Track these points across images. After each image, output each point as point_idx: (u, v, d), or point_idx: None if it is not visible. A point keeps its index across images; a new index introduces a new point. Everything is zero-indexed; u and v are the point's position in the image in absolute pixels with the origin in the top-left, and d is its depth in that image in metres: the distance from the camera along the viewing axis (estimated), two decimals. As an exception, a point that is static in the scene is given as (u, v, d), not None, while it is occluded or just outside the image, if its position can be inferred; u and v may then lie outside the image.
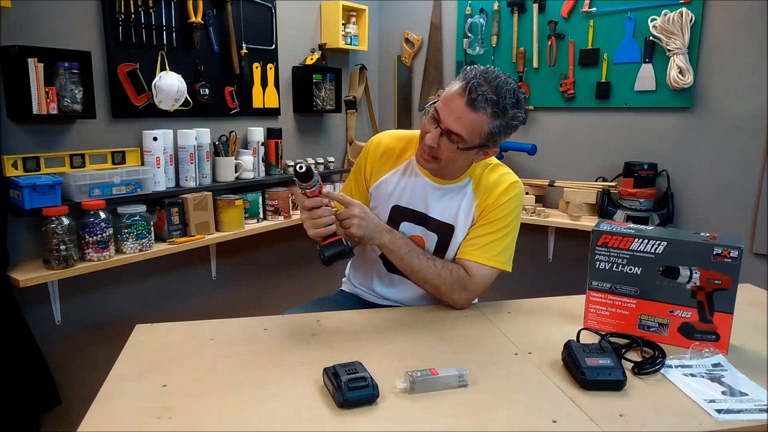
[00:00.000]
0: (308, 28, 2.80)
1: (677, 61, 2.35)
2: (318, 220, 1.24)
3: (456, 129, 1.26)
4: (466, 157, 1.36)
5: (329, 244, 1.25)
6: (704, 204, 2.44)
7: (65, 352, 2.02)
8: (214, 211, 2.28)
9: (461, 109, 1.25)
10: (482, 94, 1.24)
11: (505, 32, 2.79)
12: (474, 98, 1.24)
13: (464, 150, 1.30)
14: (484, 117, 1.26)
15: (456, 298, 1.40)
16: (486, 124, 1.27)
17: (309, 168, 1.21)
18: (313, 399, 0.98)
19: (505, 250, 1.42)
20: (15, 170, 1.80)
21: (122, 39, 2.03)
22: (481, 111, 1.25)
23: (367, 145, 1.56)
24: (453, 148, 1.29)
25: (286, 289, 2.89)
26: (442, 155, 1.32)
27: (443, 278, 1.37)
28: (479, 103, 1.24)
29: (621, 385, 1.01)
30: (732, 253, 1.13)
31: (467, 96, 1.24)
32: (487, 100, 1.24)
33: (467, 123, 1.26)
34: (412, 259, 1.36)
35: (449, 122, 1.27)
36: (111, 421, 0.92)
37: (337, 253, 1.23)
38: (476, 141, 1.29)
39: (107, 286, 2.14)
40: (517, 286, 2.91)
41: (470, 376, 1.03)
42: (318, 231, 1.24)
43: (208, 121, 2.36)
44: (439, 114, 1.29)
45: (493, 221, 1.41)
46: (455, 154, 1.31)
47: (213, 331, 1.26)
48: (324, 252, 1.24)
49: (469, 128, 1.26)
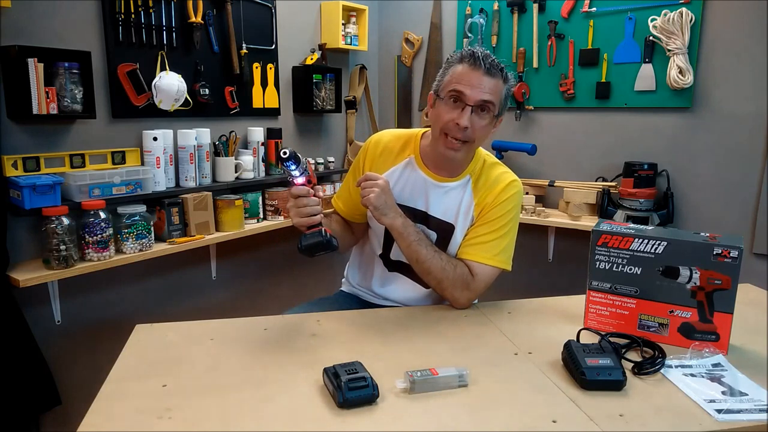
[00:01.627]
0: (308, 28, 2.80)
1: (677, 61, 2.35)
2: (302, 209, 1.25)
3: (488, 97, 1.31)
4: (489, 132, 1.39)
5: (309, 234, 1.25)
6: (704, 204, 2.44)
7: (65, 352, 2.02)
8: (214, 211, 2.28)
9: (482, 79, 1.30)
10: (492, 61, 1.32)
11: (505, 32, 2.80)
12: (488, 66, 1.30)
13: (492, 117, 1.35)
14: (500, 81, 1.33)
15: (457, 296, 1.40)
16: (502, 87, 1.34)
17: (294, 154, 1.21)
18: (313, 399, 0.98)
19: (506, 249, 1.42)
20: (15, 170, 1.80)
21: (122, 39, 2.03)
22: (496, 76, 1.32)
23: (365, 144, 1.56)
24: (484, 122, 1.34)
25: (286, 289, 2.89)
26: (476, 133, 1.34)
27: (447, 273, 1.37)
28: (494, 68, 1.31)
29: (621, 385, 1.01)
30: (732, 253, 1.13)
31: (483, 66, 1.30)
32: (497, 66, 1.32)
33: (492, 89, 1.32)
34: (419, 247, 1.37)
35: (478, 94, 1.30)
36: (111, 421, 0.92)
37: (313, 244, 1.24)
38: (497, 108, 1.35)
39: (107, 286, 2.14)
40: (517, 286, 2.91)
41: (470, 376, 1.03)
42: (300, 220, 1.25)
43: (208, 121, 2.36)
44: (462, 93, 1.31)
45: (493, 220, 1.41)
46: (487, 127, 1.36)
47: (213, 331, 1.26)
48: (302, 241, 1.25)
49: (495, 94, 1.32)
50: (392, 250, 1.50)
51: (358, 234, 1.61)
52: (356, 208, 1.53)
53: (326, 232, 1.25)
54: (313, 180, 1.28)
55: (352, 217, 1.57)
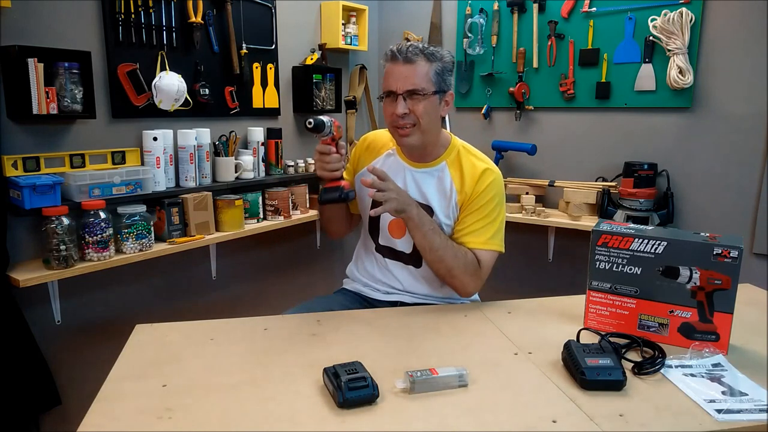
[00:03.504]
0: (308, 28, 2.80)
1: (677, 61, 2.35)
2: (325, 165, 1.40)
3: (412, 85, 1.39)
4: (436, 109, 1.45)
5: (329, 188, 1.42)
6: (704, 204, 2.44)
7: (65, 352, 2.02)
8: (214, 211, 2.28)
9: (402, 69, 1.40)
10: (408, 49, 1.40)
11: (505, 32, 2.79)
12: (405, 55, 1.39)
13: (430, 97, 1.41)
14: (422, 63, 1.40)
15: (467, 282, 1.45)
16: (428, 68, 1.41)
17: (319, 122, 1.35)
18: (313, 399, 0.98)
19: (498, 233, 1.49)
20: (15, 170, 1.80)
21: (122, 39, 2.03)
22: (416, 60, 1.40)
23: (358, 142, 1.71)
24: (422, 104, 1.40)
25: (286, 289, 2.89)
26: (418, 115, 1.41)
27: (459, 260, 1.42)
28: (411, 55, 1.39)
29: (621, 385, 1.01)
30: (732, 253, 1.13)
31: (399, 58, 1.40)
32: (415, 52, 1.40)
33: (415, 74, 1.39)
34: (434, 236, 1.41)
35: (403, 84, 1.39)
36: (111, 421, 0.92)
37: (332, 197, 1.41)
38: (432, 87, 1.41)
39: (107, 286, 2.14)
40: (517, 286, 2.92)
41: (470, 376, 1.03)
42: (323, 173, 1.41)
43: (208, 121, 2.36)
44: (391, 90, 1.41)
45: (478, 209, 1.47)
46: (429, 106, 1.42)
47: (213, 331, 1.26)
48: (322, 194, 1.42)
49: (419, 77, 1.39)
50: (379, 237, 1.58)
51: (355, 219, 1.72)
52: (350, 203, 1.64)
53: (344, 187, 1.42)
54: (337, 136, 1.42)
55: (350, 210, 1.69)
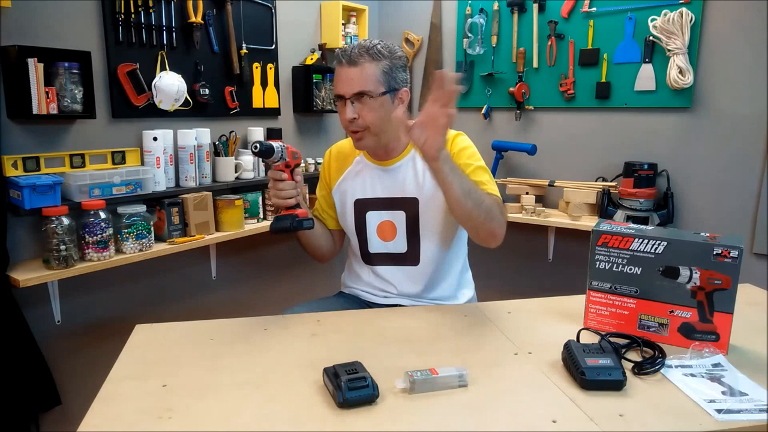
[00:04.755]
0: (308, 28, 2.80)
1: (677, 61, 2.35)
2: (278, 192, 1.32)
3: (357, 87, 1.35)
4: (387, 110, 1.39)
5: (281, 216, 1.33)
6: (704, 204, 2.44)
7: (65, 352, 2.02)
8: (214, 211, 2.28)
9: (347, 72, 1.36)
10: (353, 51, 1.36)
11: (505, 32, 2.80)
12: (349, 57, 1.35)
13: (379, 98, 1.36)
14: (368, 64, 1.35)
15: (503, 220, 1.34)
16: (374, 68, 1.36)
17: (267, 147, 1.25)
18: (313, 399, 0.98)
19: (491, 180, 1.44)
20: (15, 170, 1.80)
21: (122, 39, 2.03)
22: (361, 62, 1.35)
23: (323, 158, 1.66)
24: (369, 106, 1.36)
25: (286, 289, 2.89)
26: (368, 119, 1.37)
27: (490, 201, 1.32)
28: (355, 57, 1.35)
29: (621, 385, 1.01)
30: (732, 253, 1.13)
31: (344, 60, 1.36)
32: (360, 53, 1.35)
33: (359, 77, 1.35)
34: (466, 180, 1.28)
35: (348, 88, 1.36)
36: (111, 421, 0.92)
37: (281, 227, 1.31)
38: (380, 87, 1.36)
39: (107, 286, 2.14)
40: (517, 286, 2.92)
41: (470, 376, 1.03)
42: (275, 201, 1.33)
43: (208, 121, 2.36)
44: (339, 93, 1.38)
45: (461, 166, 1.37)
46: (379, 109, 1.37)
47: (213, 331, 1.26)
48: (273, 223, 1.33)
49: (364, 80, 1.35)
50: (368, 245, 1.54)
51: (338, 240, 1.66)
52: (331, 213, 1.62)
53: (297, 216, 1.32)
54: (291, 163, 1.32)
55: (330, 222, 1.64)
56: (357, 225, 1.55)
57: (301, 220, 1.33)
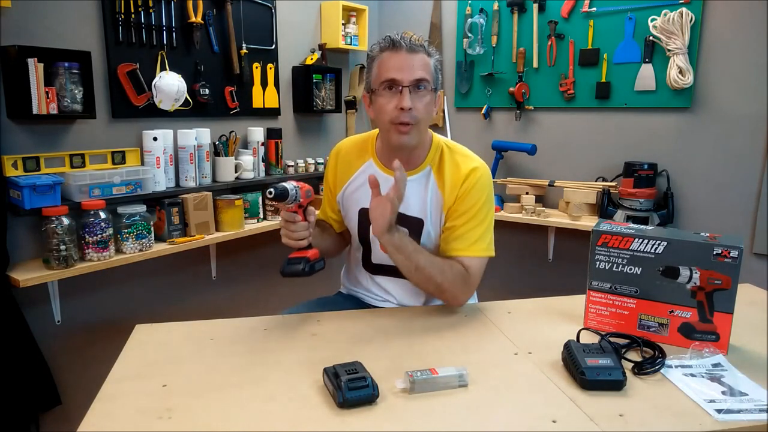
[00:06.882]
0: (308, 28, 2.80)
1: (677, 61, 2.35)
2: (290, 233, 1.27)
3: (419, 74, 1.29)
4: (433, 108, 1.37)
5: (292, 258, 1.29)
6: (704, 204, 2.44)
7: (65, 352, 2.02)
8: (214, 211, 2.28)
9: (407, 58, 1.29)
10: (410, 40, 1.31)
11: (505, 32, 2.79)
12: (409, 45, 1.30)
13: (431, 92, 1.33)
14: (424, 55, 1.32)
15: (458, 294, 1.36)
16: (429, 61, 1.33)
17: (281, 191, 1.20)
18: (313, 399, 0.98)
19: (486, 234, 1.39)
20: (15, 170, 1.80)
21: (122, 39, 2.03)
22: (420, 51, 1.32)
23: (329, 157, 1.58)
24: (425, 99, 1.32)
25: (286, 289, 2.88)
26: (421, 112, 1.31)
27: (446, 275, 1.33)
28: (414, 46, 1.31)
29: (621, 385, 1.01)
30: (732, 253, 1.13)
31: (404, 45, 1.30)
32: (417, 43, 1.32)
33: (420, 64, 1.30)
34: (419, 255, 1.31)
35: (409, 74, 1.29)
36: (111, 421, 0.92)
37: (295, 270, 1.27)
38: (432, 81, 1.33)
39: (107, 286, 2.14)
40: (517, 286, 2.92)
41: (470, 376, 1.03)
42: (288, 242, 1.29)
43: (208, 121, 2.36)
44: (395, 79, 1.29)
45: (466, 211, 1.38)
46: (430, 104, 1.34)
47: (213, 331, 1.26)
48: (285, 266, 1.29)
49: (425, 68, 1.31)
50: (371, 255, 1.50)
51: (347, 237, 1.63)
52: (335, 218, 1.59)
53: (309, 258, 1.28)
54: (304, 203, 1.27)
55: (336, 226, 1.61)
56: (360, 234, 1.50)
57: (314, 263, 1.29)
